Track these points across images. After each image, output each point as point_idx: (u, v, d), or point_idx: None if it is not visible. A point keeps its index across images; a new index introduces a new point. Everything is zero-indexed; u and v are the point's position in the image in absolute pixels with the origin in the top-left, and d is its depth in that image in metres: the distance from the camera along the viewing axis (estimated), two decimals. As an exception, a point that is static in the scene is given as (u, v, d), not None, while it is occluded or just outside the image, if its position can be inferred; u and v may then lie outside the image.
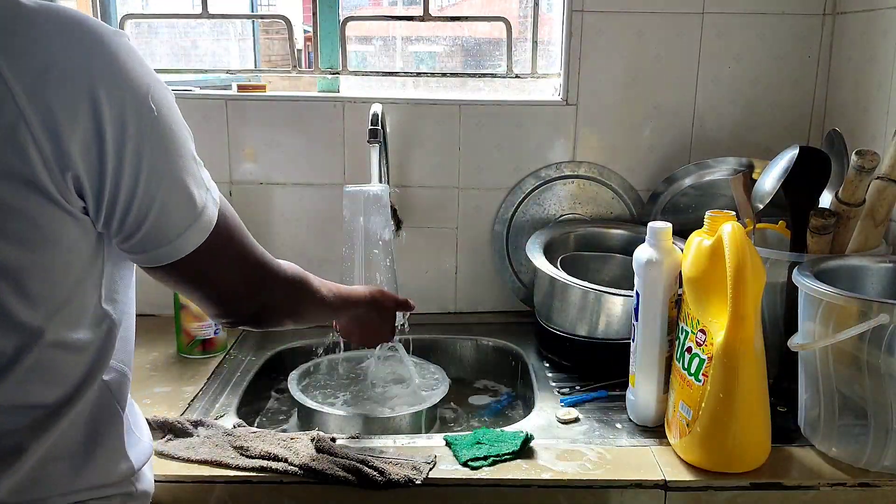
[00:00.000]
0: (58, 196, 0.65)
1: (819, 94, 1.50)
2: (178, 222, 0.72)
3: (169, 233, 0.71)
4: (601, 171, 1.53)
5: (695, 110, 1.51)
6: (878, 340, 0.92)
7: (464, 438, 1.04)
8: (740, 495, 0.96)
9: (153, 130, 0.68)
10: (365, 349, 1.36)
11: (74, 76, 0.63)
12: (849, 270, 1.09)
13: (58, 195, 0.65)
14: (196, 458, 1.00)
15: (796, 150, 1.17)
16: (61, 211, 0.66)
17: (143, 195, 0.68)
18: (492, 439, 1.03)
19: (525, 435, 1.03)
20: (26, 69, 0.62)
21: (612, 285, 1.29)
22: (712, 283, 0.97)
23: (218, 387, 1.25)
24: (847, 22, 1.42)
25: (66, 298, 0.70)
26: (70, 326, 0.71)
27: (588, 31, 1.47)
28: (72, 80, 0.63)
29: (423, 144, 1.51)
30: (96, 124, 0.64)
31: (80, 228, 0.68)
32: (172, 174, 0.70)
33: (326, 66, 1.58)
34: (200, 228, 0.73)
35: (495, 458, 1.00)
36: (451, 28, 1.64)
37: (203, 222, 0.73)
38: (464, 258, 1.57)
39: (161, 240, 0.71)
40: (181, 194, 0.71)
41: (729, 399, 0.94)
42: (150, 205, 0.69)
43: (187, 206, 0.72)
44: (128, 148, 0.66)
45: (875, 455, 0.97)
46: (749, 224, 1.22)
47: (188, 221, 0.72)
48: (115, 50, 0.66)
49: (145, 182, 0.68)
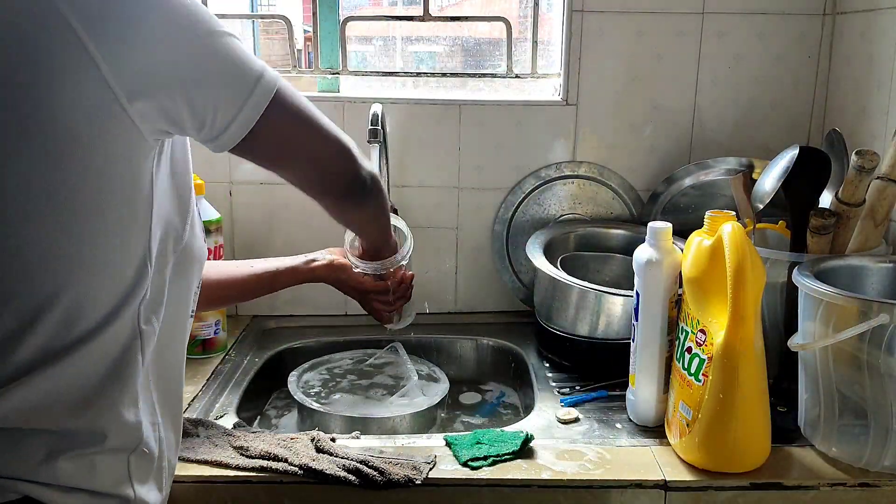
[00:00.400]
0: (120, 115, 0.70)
1: (819, 94, 1.50)
2: (236, 96, 0.75)
3: (232, 108, 0.75)
4: (601, 171, 1.53)
5: (695, 110, 1.51)
6: (878, 340, 0.92)
7: (464, 438, 1.04)
8: (740, 495, 0.96)
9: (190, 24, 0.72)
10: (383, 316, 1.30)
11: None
12: (849, 270, 1.09)
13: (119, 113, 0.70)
14: (196, 458, 1.00)
15: (796, 150, 1.17)
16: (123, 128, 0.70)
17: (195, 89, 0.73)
18: (492, 439, 1.03)
19: (525, 435, 1.03)
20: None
21: (612, 285, 1.29)
22: (712, 283, 0.97)
23: (218, 387, 1.25)
24: (847, 22, 1.43)
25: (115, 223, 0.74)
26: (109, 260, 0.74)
27: (588, 31, 1.47)
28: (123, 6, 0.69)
29: (423, 144, 1.51)
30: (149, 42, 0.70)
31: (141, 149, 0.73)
32: (217, 55, 0.74)
33: (326, 66, 1.58)
34: (264, 92, 0.76)
35: (495, 458, 1.00)
36: (451, 28, 1.64)
37: (260, 89, 0.76)
38: (464, 258, 1.57)
39: (227, 116, 0.75)
40: (231, 71, 0.75)
41: (729, 399, 0.94)
42: (206, 97, 0.73)
43: (239, 84, 0.75)
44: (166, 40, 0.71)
45: (875, 455, 0.97)
46: (749, 224, 1.22)
47: (247, 90, 0.75)
48: None
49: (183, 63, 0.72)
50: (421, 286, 1.57)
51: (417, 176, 1.53)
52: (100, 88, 0.68)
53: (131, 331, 0.77)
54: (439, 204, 1.54)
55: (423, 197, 1.54)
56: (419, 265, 1.57)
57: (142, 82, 0.70)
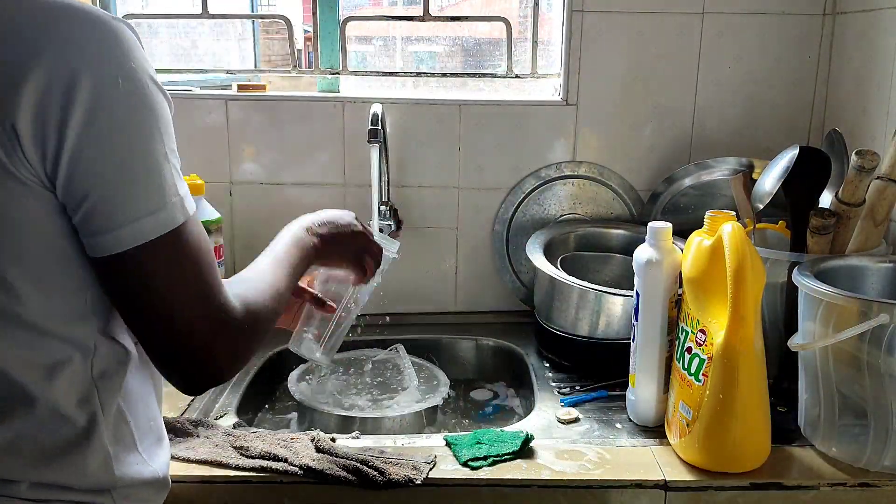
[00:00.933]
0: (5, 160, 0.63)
1: (819, 94, 1.50)
2: (134, 207, 0.66)
3: (120, 216, 0.66)
4: (601, 171, 1.53)
5: (695, 110, 1.51)
6: (878, 340, 0.92)
7: (464, 438, 1.04)
8: (740, 495, 0.96)
9: (123, 109, 0.65)
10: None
11: (39, 41, 0.62)
12: (849, 270, 1.09)
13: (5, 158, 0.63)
14: (196, 458, 0.99)
15: (796, 150, 1.17)
16: (14, 181, 0.64)
17: (92, 160, 0.64)
18: (492, 439, 1.03)
19: (525, 435, 1.03)
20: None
21: (612, 285, 1.29)
22: (712, 283, 0.97)
23: (218, 387, 1.25)
24: (847, 22, 1.42)
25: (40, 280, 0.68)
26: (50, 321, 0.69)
27: (588, 31, 1.47)
28: (34, 41, 0.62)
29: (423, 144, 1.51)
30: (47, 82, 0.62)
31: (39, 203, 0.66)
32: (135, 155, 0.67)
33: (326, 66, 1.58)
34: (158, 222, 0.67)
35: (495, 458, 1.00)
36: (451, 28, 1.64)
37: (163, 217, 0.68)
38: (464, 258, 1.57)
39: (110, 222, 0.66)
40: (142, 178, 0.67)
41: (729, 399, 0.94)
42: (100, 174, 0.65)
43: (146, 194, 0.67)
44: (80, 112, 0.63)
45: (875, 455, 0.97)
46: (749, 224, 1.22)
47: (145, 210, 0.67)
48: (112, 32, 0.65)
49: (98, 147, 0.64)
50: (421, 286, 1.57)
51: (417, 176, 1.53)
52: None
53: (82, 387, 0.72)
54: (439, 204, 1.54)
55: (423, 197, 1.54)
56: (419, 265, 1.57)
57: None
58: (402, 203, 1.52)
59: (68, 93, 0.63)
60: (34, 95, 0.62)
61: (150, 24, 1.70)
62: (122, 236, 0.66)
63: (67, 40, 0.63)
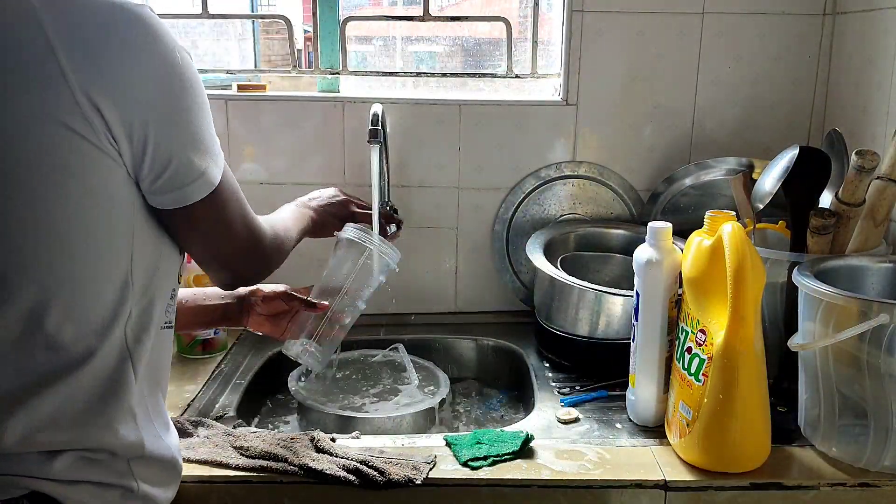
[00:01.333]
0: (91, 135, 0.72)
1: (819, 94, 1.50)
2: (199, 165, 0.79)
3: (194, 172, 0.79)
4: (601, 171, 1.53)
5: (695, 110, 1.51)
6: (878, 340, 0.92)
7: (464, 438, 1.04)
8: (740, 495, 0.96)
9: (180, 89, 0.77)
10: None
11: (109, 31, 0.72)
12: (849, 270, 1.09)
13: (90, 134, 0.72)
14: (196, 458, 1.00)
15: (796, 150, 1.17)
16: (95, 149, 0.72)
17: (167, 133, 0.76)
18: (492, 439, 1.03)
19: (525, 435, 1.03)
20: (65, 24, 0.71)
21: (612, 285, 1.29)
22: (712, 283, 0.97)
23: (218, 387, 1.25)
24: (847, 22, 1.43)
25: (98, 256, 0.76)
26: (97, 284, 0.76)
27: (588, 31, 1.47)
28: (105, 33, 0.72)
29: (423, 144, 1.51)
30: (126, 74, 0.73)
31: (115, 173, 0.75)
32: (193, 124, 0.79)
33: (326, 66, 1.58)
34: (216, 173, 0.82)
35: (495, 458, 1.00)
36: (451, 28, 1.64)
37: (216, 169, 0.82)
38: (464, 258, 1.57)
39: (187, 177, 0.79)
40: (201, 140, 0.80)
41: (729, 399, 0.94)
42: (174, 141, 0.77)
43: (205, 153, 0.80)
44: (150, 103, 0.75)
45: (875, 455, 0.97)
46: (749, 224, 1.22)
47: (206, 165, 0.80)
48: (148, 20, 0.76)
49: (161, 126, 0.76)
50: (421, 286, 1.57)
51: (417, 176, 1.53)
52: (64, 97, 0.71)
53: (120, 352, 0.79)
54: (439, 204, 1.54)
55: (423, 197, 1.54)
56: (419, 265, 1.57)
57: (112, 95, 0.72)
58: (402, 203, 1.52)
59: (143, 82, 0.74)
60: (114, 84, 0.72)
61: (150, 24, 1.69)
62: (198, 187, 0.80)
63: (125, 39, 0.74)
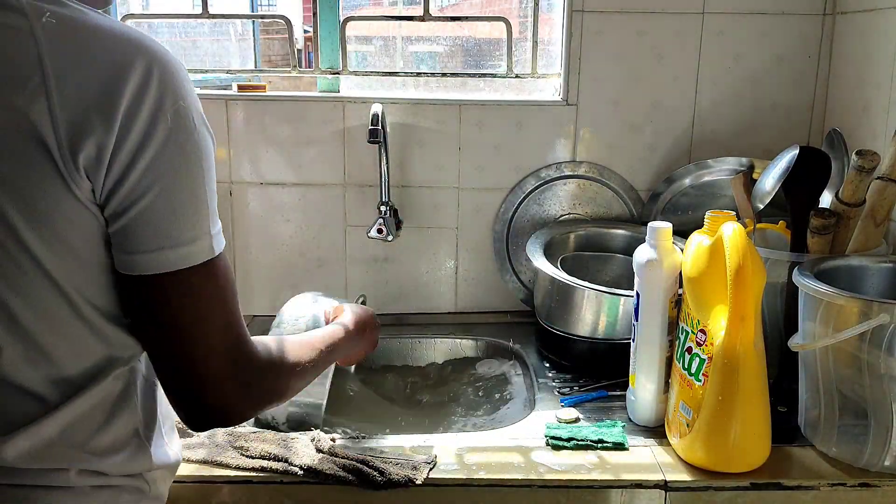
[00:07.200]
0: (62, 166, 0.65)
1: (819, 94, 1.50)
2: (164, 236, 0.69)
3: (151, 241, 0.69)
4: (601, 171, 1.53)
5: (695, 110, 1.51)
6: (878, 340, 0.92)
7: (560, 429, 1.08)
8: (740, 495, 0.96)
9: (177, 141, 0.69)
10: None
11: (107, 66, 0.66)
12: (849, 270, 1.09)
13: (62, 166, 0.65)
14: (196, 458, 1.00)
15: (796, 150, 1.17)
16: (66, 188, 0.66)
17: (139, 177, 0.67)
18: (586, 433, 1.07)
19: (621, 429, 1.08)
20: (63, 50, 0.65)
21: (613, 285, 1.29)
22: (712, 283, 0.97)
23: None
24: (847, 22, 1.42)
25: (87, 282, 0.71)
26: (92, 311, 0.72)
27: (588, 31, 1.47)
28: (104, 67, 0.66)
29: (423, 144, 1.51)
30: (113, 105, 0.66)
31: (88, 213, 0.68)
32: (178, 182, 0.69)
33: (326, 66, 1.58)
34: (192, 252, 0.70)
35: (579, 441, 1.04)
36: (451, 28, 1.63)
37: (197, 248, 0.70)
38: (464, 258, 1.57)
39: (141, 245, 0.69)
40: (177, 210, 0.69)
41: (729, 399, 0.94)
42: (139, 197, 0.68)
43: (179, 226, 0.69)
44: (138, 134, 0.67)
45: (875, 455, 0.97)
46: (749, 224, 1.22)
47: (175, 241, 0.69)
48: (171, 68, 0.69)
49: (146, 167, 0.67)
50: (421, 286, 1.57)
51: (417, 176, 1.53)
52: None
53: (125, 376, 0.76)
54: (439, 204, 1.54)
55: (423, 197, 1.54)
56: (419, 265, 1.57)
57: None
58: (402, 203, 1.52)
59: (126, 121, 0.66)
60: (99, 119, 0.65)
61: (151, 24, 1.70)
62: (149, 261, 0.69)
63: (132, 75, 0.66)
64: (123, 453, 0.77)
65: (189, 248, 0.70)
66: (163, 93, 0.68)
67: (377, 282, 1.57)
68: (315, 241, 1.55)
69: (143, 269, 0.69)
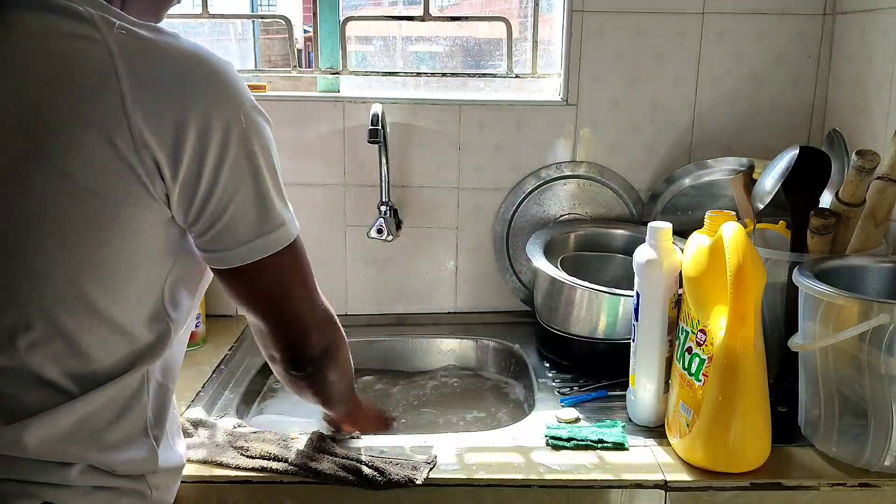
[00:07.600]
0: (137, 168, 0.70)
1: (819, 94, 1.50)
2: (252, 228, 0.77)
3: (240, 236, 0.77)
4: (601, 171, 1.53)
5: (695, 110, 1.51)
6: (878, 340, 0.92)
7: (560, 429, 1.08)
8: (740, 495, 0.96)
9: (246, 150, 0.75)
10: None
11: (176, 81, 0.71)
12: (849, 270, 1.09)
13: (137, 166, 0.70)
14: (196, 458, 1.00)
15: (796, 150, 1.17)
16: (138, 184, 0.71)
17: (222, 192, 0.74)
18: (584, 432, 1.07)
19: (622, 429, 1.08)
20: (139, 71, 0.70)
21: (613, 285, 1.29)
22: (712, 283, 0.97)
23: (218, 387, 1.25)
24: (847, 22, 1.42)
25: (130, 282, 0.75)
26: (127, 313, 0.75)
27: (588, 31, 1.47)
28: (172, 84, 0.71)
29: (423, 144, 1.51)
30: (181, 120, 0.71)
31: (154, 215, 0.73)
32: (256, 181, 0.76)
33: (326, 66, 1.58)
34: (272, 241, 0.79)
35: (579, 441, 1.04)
36: (451, 28, 1.63)
37: (275, 236, 0.79)
38: (464, 258, 1.57)
39: (231, 241, 0.77)
40: (262, 203, 0.77)
41: (729, 399, 0.94)
42: (227, 203, 0.75)
43: (265, 216, 0.78)
44: (213, 148, 0.73)
45: (875, 455, 0.97)
46: (749, 224, 1.22)
47: (261, 230, 0.78)
48: (228, 77, 0.76)
49: (226, 180, 0.74)
50: (421, 286, 1.57)
51: (417, 176, 1.53)
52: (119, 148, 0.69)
53: (141, 377, 0.79)
54: (439, 204, 1.54)
55: (423, 197, 1.54)
56: (419, 265, 1.57)
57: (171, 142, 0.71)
58: (402, 203, 1.52)
59: (203, 135, 0.72)
60: (174, 133, 0.70)
61: (150, 24, 1.69)
62: (242, 253, 0.78)
63: (198, 89, 0.72)
64: (132, 450, 0.78)
65: (274, 234, 0.79)
66: (229, 110, 0.73)
67: (377, 282, 1.57)
68: (315, 241, 1.55)
69: (233, 262, 0.78)
